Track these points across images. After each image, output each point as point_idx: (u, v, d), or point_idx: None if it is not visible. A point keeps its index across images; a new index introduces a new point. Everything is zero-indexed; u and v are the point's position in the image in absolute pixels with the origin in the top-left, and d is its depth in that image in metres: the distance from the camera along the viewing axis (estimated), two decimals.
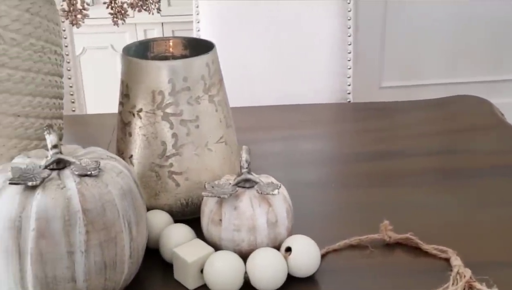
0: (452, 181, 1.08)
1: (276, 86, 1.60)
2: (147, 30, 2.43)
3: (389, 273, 0.84)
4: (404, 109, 1.43)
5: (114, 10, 0.92)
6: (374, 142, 1.25)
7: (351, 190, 1.06)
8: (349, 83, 1.63)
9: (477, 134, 1.27)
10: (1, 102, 0.79)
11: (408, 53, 3.01)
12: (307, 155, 1.21)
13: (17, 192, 0.68)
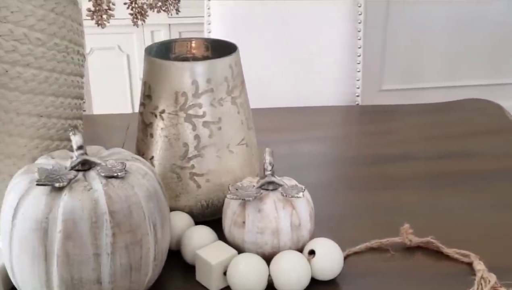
0: (469, 184, 1.07)
1: (285, 88, 1.59)
2: (154, 32, 2.42)
3: (411, 276, 0.83)
4: (414, 112, 1.42)
5: (134, 10, 0.91)
6: (387, 144, 1.24)
7: (366, 192, 1.06)
8: (358, 86, 1.62)
9: (490, 137, 1.27)
10: (25, 102, 0.78)
11: (408, 56, 3.00)
12: (318, 157, 1.20)
13: (43, 193, 0.67)
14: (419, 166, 1.15)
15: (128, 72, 2.46)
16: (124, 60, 2.44)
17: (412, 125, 1.34)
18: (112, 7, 0.81)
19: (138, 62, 2.46)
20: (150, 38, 2.43)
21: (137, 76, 2.47)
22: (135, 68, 2.46)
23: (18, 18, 0.74)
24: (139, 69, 2.45)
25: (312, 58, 1.60)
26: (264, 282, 0.77)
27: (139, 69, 2.45)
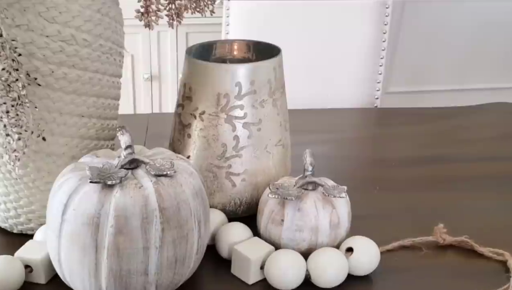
0: (503, 187, 1.13)
1: (307, 89, 1.65)
2: (160, 32, 2.48)
3: (444, 274, 0.87)
4: (440, 115, 1.48)
5: (170, 12, 0.96)
6: (416, 147, 1.29)
7: (397, 193, 1.10)
8: (378, 88, 1.68)
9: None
10: (68, 103, 0.82)
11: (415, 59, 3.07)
12: (346, 158, 1.25)
13: (95, 190, 0.72)
14: (452, 169, 1.19)
15: (132, 72, 2.52)
16: (128, 60, 2.50)
17: (440, 129, 1.39)
18: (161, 8, 0.86)
19: (142, 62, 2.51)
20: (156, 39, 2.49)
21: (140, 76, 2.52)
22: (138, 69, 2.52)
23: (66, 18, 0.79)
24: (143, 70, 2.51)
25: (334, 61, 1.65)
26: (301, 276, 0.82)
27: (143, 70, 2.51)
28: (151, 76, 2.51)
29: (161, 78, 2.52)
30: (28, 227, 0.92)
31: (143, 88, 2.52)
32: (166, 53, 2.50)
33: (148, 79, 2.50)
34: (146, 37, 2.48)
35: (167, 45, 2.49)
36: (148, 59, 2.51)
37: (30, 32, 0.77)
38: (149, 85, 2.53)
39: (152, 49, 2.50)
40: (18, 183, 0.87)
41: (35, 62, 0.78)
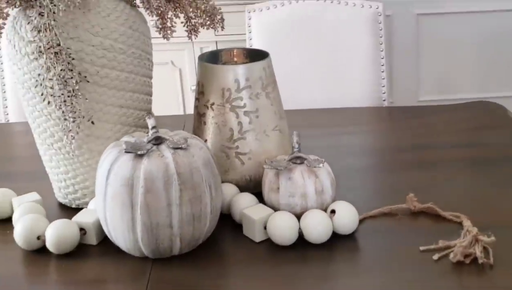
0: (471, 167, 1.31)
1: (316, 93, 1.84)
2: (203, 48, 2.69)
3: (414, 233, 1.06)
4: (432, 112, 1.65)
5: (188, 28, 1.17)
6: (409, 137, 1.49)
7: (386, 173, 1.31)
8: (384, 91, 1.86)
9: (493, 132, 1.49)
10: (111, 96, 1.04)
11: (442, 68, 3.22)
12: (352, 146, 1.45)
13: (129, 159, 0.93)
14: (433, 153, 1.38)
15: (180, 84, 2.74)
16: (176, 74, 2.71)
17: (430, 123, 1.57)
18: (174, 25, 1.07)
19: (189, 75, 2.73)
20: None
21: (188, 87, 2.73)
22: (186, 81, 2.74)
23: (106, 33, 1.02)
24: (190, 82, 2.72)
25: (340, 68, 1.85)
26: (295, 234, 1.02)
27: (190, 82, 2.72)
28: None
29: None
30: (84, 201, 1.14)
31: (191, 99, 2.73)
32: None
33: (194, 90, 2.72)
34: (191, 52, 2.69)
35: None
36: (194, 73, 2.72)
37: (80, 43, 1.00)
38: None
39: (196, 63, 2.71)
40: (75, 162, 1.09)
41: (84, 64, 1.01)
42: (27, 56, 1.01)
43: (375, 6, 1.86)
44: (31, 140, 1.19)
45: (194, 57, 2.71)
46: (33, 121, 1.10)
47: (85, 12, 0.99)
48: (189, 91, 2.74)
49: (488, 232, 0.99)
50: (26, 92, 1.06)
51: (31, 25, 0.97)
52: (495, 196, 1.18)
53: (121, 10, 1.05)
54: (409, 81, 3.23)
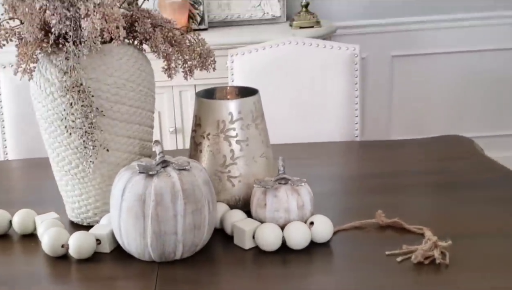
0: (432, 190, 1.57)
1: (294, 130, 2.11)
2: (181, 92, 2.96)
3: (381, 242, 1.30)
4: (403, 145, 1.93)
5: (185, 69, 1.43)
6: (379, 166, 1.74)
7: (358, 195, 1.56)
8: (356, 128, 2.13)
9: (459, 161, 1.75)
10: (121, 128, 1.29)
11: (414, 107, 3.52)
12: (327, 174, 1.70)
13: (142, 179, 1.18)
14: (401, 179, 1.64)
15: (159, 126, 2.98)
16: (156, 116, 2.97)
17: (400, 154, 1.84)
18: (178, 65, 1.34)
19: (168, 118, 2.98)
20: (179, 97, 2.96)
21: (166, 129, 2.98)
22: (165, 123, 2.99)
23: (119, 73, 1.27)
24: (169, 124, 2.97)
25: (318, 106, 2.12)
26: (279, 241, 1.26)
27: (169, 124, 2.97)
28: (176, 129, 2.98)
29: (184, 131, 2.98)
30: (94, 220, 1.37)
31: (169, 140, 2.99)
32: (188, 109, 2.97)
33: (173, 132, 2.98)
34: (170, 96, 2.95)
35: (187, 102, 2.96)
36: (173, 115, 2.98)
37: (98, 82, 1.25)
38: (174, 137, 2.99)
39: (175, 106, 2.97)
40: (88, 186, 1.33)
41: (100, 101, 1.26)
42: (51, 95, 1.26)
43: (352, 48, 2.14)
44: (29, 174, 1.47)
45: (173, 100, 2.97)
46: (53, 151, 1.34)
47: (101, 56, 1.25)
48: (167, 133, 2.99)
49: (446, 239, 1.24)
50: (48, 126, 1.30)
51: (56, 68, 1.23)
52: (455, 212, 1.42)
53: (130, 54, 1.30)
54: (381, 120, 3.53)
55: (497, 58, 3.48)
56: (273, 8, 3.21)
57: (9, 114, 2.15)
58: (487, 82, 3.51)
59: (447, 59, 3.47)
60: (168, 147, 2.96)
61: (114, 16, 1.10)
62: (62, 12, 1.11)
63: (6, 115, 2.15)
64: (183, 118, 2.98)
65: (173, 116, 2.99)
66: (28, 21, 1.11)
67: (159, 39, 1.26)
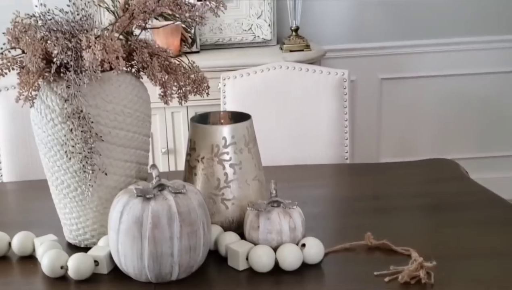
0: (419, 212, 1.63)
1: (285, 151, 2.16)
2: (174, 113, 3.01)
3: (370, 263, 1.35)
4: (392, 168, 1.99)
5: (179, 95, 1.48)
6: (368, 189, 1.79)
7: (349, 217, 1.61)
8: (346, 151, 2.19)
9: (445, 184, 1.81)
10: (119, 152, 1.34)
11: (402, 129, 3.59)
12: (315, 197, 1.75)
13: (139, 202, 1.22)
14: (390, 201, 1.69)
15: (152, 147, 3.03)
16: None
17: (390, 177, 1.90)
18: (174, 93, 1.39)
19: (160, 138, 3.02)
20: (171, 119, 3.01)
21: (159, 150, 3.03)
22: (157, 144, 3.03)
23: (117, 100, 1.32)
24: (161, 144, 3.02)
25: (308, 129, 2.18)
26: (272, 263, 1.30)
27: (161, 144, 3.02)
28: (168, 150, 3.02)
29: (176, 152, 3.03)
30: (91, 241, 1.42)
31: (162, 161, 3.03)
32: (180, 130, 3.02)
33: (165, 153, 3.02)
34: (162, 117, 3.00)
35: (180, 123, 3.02)
36: (165, 136, 3.03)
37: (97, 109, 1.30)
38: (166, 158, 3.04)
39: (168, 127, 3.02)
40: (86, 209, 1.38)
41: (99, 126, 1.30)
42: (52, 121, 1.30)
43: (341, 73, 2.20)
44: (25, 197, 1.56)
45: (165, 121, 3.02)
46: (52, 175, 1.38)
47: (101, 83, 1.30)
48: (159, 154, 3.04)
49: (431, 260, 1.28)
50: (48, 151, 1.35)
51: (57, 95, 1.28)
52: (440, 234, 1.48)
53: (128, 81, 1.35)
54: (370, 142, 3.60)
55: (481, 82, 3.57)
56: (264, 31, 3.28)
57: (3, 137, 2.19)
58: (473, 105, 3.60)
59: (434, 82, 3.55)
60: (160, 167, 3.00)
61: (114, 47, 1.15)
62: (63, 43, 1.16)
63: (1, 138, 2.19)
64: (175, 139, 3.03)
65: (165, 137, 3.03)
66: (31, 51, 1.16)
67: (156, 67, 1.32)
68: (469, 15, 3.49)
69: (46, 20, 1.22)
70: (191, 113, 2.97)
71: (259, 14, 3.26)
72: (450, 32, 3.50)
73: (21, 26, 1.19)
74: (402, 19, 3.47)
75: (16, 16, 1.21)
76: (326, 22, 3.44)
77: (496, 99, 3.59)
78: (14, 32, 1.18)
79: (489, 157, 3.67)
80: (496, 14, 3.49)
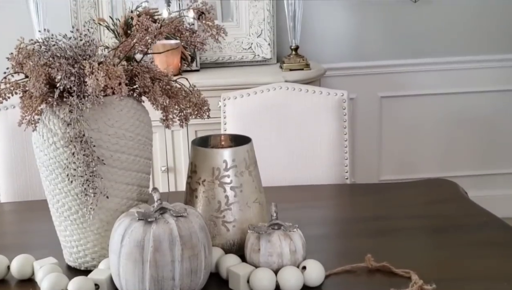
0: (419, 234, 1.64)
1: (285, 171, 2.18)
2: (174, 131, 3.02)
3: (371, 285, 1.37)
4: (391, 188, 2.00)
5: (181, 117, 1.49)
6: (368, 210, 1.81)
7: (349, 238, 1.62)
8: (346, 171, 2.21)
9: (444, 206, 1.83)
10: (120, 175, 1.36)
11: (403, 149, 3.61)
12: (316, 218, 1.77)
13: (141, 225, 1.24)
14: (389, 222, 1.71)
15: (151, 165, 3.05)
16: None
17: (388, 196, 1.91)
18: (175, 116, 1.40)
19: (160, 156, 3.04)
20: (171, 137, 3.03)
21: (158, 168, 3.04)
22: (157, 162, 3.05)
23: (119, 124, 1.34)
24: (161, 163, 3.03)
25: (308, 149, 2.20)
26: (273, 286, 1.32)
27: (161, 163, 3.03)
28: (168, 168, 3.04)
29: (176, 170, 3.05)
30: (92, 264, 1.43)
31: (161, 179, 3.05)
32: (180, 149, 3.04)
33: (165, 171, 3.04)
34: (162, 135, 3.02)
35: (180, 142, 3.03)
36: (165, 154, 3.05)
37: (99, 133, 1.32)
38: (166, 176, 3.05)
39: (167, 145, 3.04)
40: (87, 231, 1.39)
41: (101, 150, 1.32)
42: (54, 145, 1.32)
43: (340, 93, 2.22)
44: (23, 218, 1.58)
45: (165, 140, 3.04)
46: (53, 197, 1.40)
47: (103, 108, 1.32)
48: (159, 171, 3.05)
49: (431, 283, 1.30)
50: (49, 174, 1.36)
51: (60, 119, 1.29)
52: (439, 256, 1.49)
53: (130, 105, 1.37)
54: (370, 161, 3.62)
55: (481, 100, 3.60)
56: (264, 50, 3.31)
57: (2, 157, 2.20)
58: (473, 123, 3.62)
59: (434, 100, 3.58)
60: (159, 185, 3.02)
61: (117, 73, 1.17)
62: (67, 68, 1.18)
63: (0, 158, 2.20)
64: (175, 158, 3.05)
65: (165, 156, 3.05)
66: (35, 77, 1.18)
67: (158, 92, 1.33)
68: (468, 34, 3.52)
69: (50, 46, 1.23)
70: (191, 131, 2.99)
71: (259, 33, 3.29)
72: (449, 50, 3.53)
73: (25, 52, 1.21)
74: (401, 38, 3.50)
75: (20, 42, 1.22)
76: (326, 41, 3.47)
77: (495, 117, 3.61)
78: (18, 58, 1.20)
79: (489, 174, 3.68)
80: (494, 34, 3.53)
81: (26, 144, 2.15)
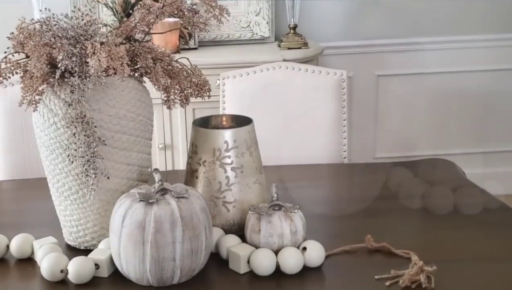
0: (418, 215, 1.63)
1: (283, 150, 2.17)
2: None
3: (370, 266, 1.36)
4: (388, 168, 1.99)
5: (181, 98, 1.48)
6: (367, 190, 1.80)
7: (348, 218, 1.61)
8: (344, 150, 2.19)
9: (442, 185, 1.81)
10: (121, 155, 1.34)
11: (399, 127, 3.60)
12: (316, 198, 1.76)
13: (142, 206, 1.23)
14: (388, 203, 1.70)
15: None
16: None
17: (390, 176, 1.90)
18: (176, 97, 1.39)
19: (157, 134, 3.02)
20: (168, 114, 3.01)
21: (156, 145, 3.02)
22: (154, 139, 3.02)
23: (121, 105, 1.32)
24: (158, 140, 3.01)
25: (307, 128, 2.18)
26: (273, 266, 1.31)
27: (158, 140, 3.01)
28: (165, 145, 3.02)
29: (173, 148, 3.04)
30: (91, 243, 1.42)
31: (158, 156, 3.04)
32: (177, 126, 3.02)
33: (162, 149, 3.02)
34: (160, 113, 2.99)
35: (177, 120, 3.02)
36: (162, 132, 3.03)
37: (100, 113, 1.30)
38: (163, 154, 3.04)
39: (165, 123, 3.02)
40: (87, 211, 1.38)
41: (102, 131, 1.31)
42: (54, 125, 1.30)
43: (339, 73, 2.21)
44: (22, 196, 1.62)
45: (162, 117, 3.01)
46: (53, 177, 1.38)
47: (104, 88, 1.30)
48: (156, 149, 3.03)
49: (431, 264, 1.30)
50: (49, 154, 1.35)
51: (61, 100, 1.27)
52: (439, 237, 1.49)
53: (131, 86, 1.36)
54: (366, 139, 3.61)
55: (477, 79, 3.58)
56: (262, 29, 3.28)
57: (1, 135, 2.17)
58: (469, 101, 3.61)
59: (430, 79, 3.56)
60: (157, 163, 3.01)
61: (119, 54, 1.15)
62: (68, 49, 1.16)
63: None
64: (173, 135, 3.03)
65: (162, 133, 3.03)
66: (36, 57, 1.16)
67: (160, 73, 1.32)
68: (465, 13, 3.50)
69: (51, 26, 1.21)
70: (189, 109, 2.97)
71: (258, 11, 3.26)
72: (446, 30, 3.51)
73: (26, 32, 1.19)
74: (398, 17, 3.48)
75: (21, 22, 1.20)
76: (324, 20, 3.44)
77: (491, 95, 3.60)
78: (19, 38, 1.18)
79: (484, 152, 3.68)
80: (489, 13, 3.51)
81: (25, 122, 2.12)
